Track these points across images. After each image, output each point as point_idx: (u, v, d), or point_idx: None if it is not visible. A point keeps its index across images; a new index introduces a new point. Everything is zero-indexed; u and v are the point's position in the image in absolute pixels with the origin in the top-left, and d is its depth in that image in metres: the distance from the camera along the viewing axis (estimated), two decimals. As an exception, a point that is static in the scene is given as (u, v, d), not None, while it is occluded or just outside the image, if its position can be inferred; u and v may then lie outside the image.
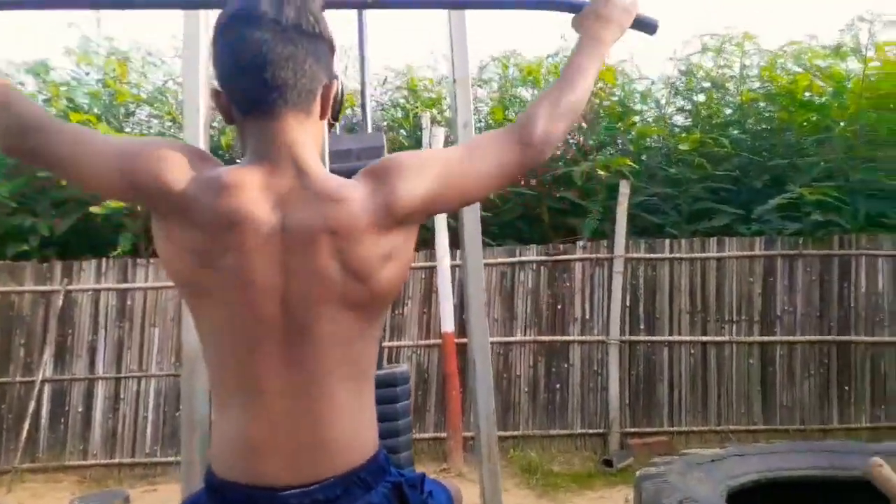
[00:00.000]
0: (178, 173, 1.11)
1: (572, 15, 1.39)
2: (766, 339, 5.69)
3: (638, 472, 3.28)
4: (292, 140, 1.14)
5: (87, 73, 6.96)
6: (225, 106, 1.18)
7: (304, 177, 1.12)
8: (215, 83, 1.19)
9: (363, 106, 2.87)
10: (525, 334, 5.79)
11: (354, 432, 1.15)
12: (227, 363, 1.14)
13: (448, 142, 5.61)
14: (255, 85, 1.12)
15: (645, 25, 1.42)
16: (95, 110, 6.75)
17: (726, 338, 5.71)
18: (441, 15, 2.39)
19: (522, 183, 6.56)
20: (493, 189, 1.24)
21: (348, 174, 1.22)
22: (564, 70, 1.30)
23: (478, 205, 2.38)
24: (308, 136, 1.17)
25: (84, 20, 7.29)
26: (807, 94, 6.58)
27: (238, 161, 1.18)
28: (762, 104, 6.92)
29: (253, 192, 1.10)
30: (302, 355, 1.11)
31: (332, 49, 1.21)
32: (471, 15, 2.35)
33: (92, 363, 5.62)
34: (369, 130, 2.91)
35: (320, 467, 1.11)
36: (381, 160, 1.20)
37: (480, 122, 6.70)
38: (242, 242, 1.08)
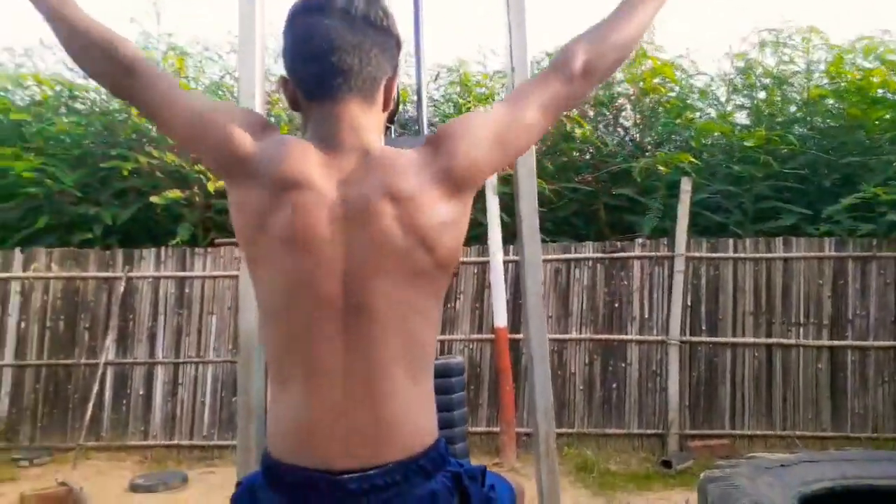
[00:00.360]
0: (244, 136, 1.15)
1: None
2: (836, 343, 5.44)
3: (703, 475, 3.14)
4: (355, 123, 1.16)
5: (148, 68, 7.11)
6: (291, 93, 1.21)
7: (365, 154, 1.14)
8: (282, 72, 1.22)
9: (419, 105, 2.82)
10: (580, 332, 5.68)
11: (414, 418, 1.12)
12: (285, 341, 1.12)
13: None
14: (322, 69, 1.15)
15: None
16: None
17: (793, 341, 5.48)
18: (498, 5, 2.33)
19: (577, 180, 6.45)
20: (544, 131, 1.26)
21: None
22: (617, 7, 1.27)
23: (535, 197, 2.33)
24: (371, 121, 1.19)
25: (144, 16, 7.48)
26: (880, 90, 6.27)
27: None
28: (830, 101, 6.62)
29: (314, 162, 1.13)
30: (361, 335, 1.09)
31: (398, 45, 1.23)
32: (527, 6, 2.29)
33: (152, 348, 5.78)
34: (425, 129, 2.87)
35: (379, 452, 1.08)
36: (436, 130, 1.22)
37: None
38: (299, 204, 1.09)
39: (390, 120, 1.27)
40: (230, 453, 5.30)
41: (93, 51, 1.22)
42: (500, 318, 5.25)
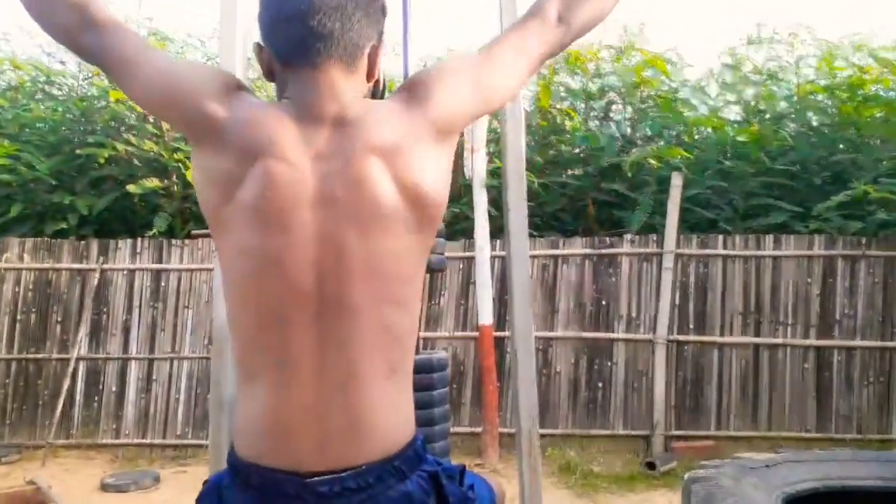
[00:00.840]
0: (215, 96, 1.08)
1: None
2: (823, 343, 5.38)
3: (687, 475, 3.08)
4: (335, 88, 1.08)
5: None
6: (266, 61, 1.13)
7: (343, 119, 1.06)
8: (258, 40, 1.15)
9: (406, 77, 2.71)
10: (567, 330, 5.58)
11: (390, 417, 1.06)
12: (253, 331, 1.05)
13: (490, 128, 5.44)
14: (300, 33, 1.07)
15: None
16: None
17: (780, 340, 5.41)
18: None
19: (568, 172, 6.36)
20: (523, 79, 1.22)
21: None
22: None
23: (524, 190, 2.25)
24: (351, 87, 1.10)
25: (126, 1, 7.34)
26: (873, 87, 6.22)
27: None
28: (821, 97, 6.57)
29: (289, 129, 1.04)
30: (335, 326, 1.02)
31: (383, 11, 1.16)
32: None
33: (126, 343, 5.62)
34: None
35: (351, 453, 1.02)
36: (409, 78, 1.16)
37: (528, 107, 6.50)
38: (268, 173, 1.02)
39: (373, 96, 1.20)
40: (204, 453, 5.16)
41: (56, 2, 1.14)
42: (486, 316, 5.14)
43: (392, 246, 1.04)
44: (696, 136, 6.69)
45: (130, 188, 5.87)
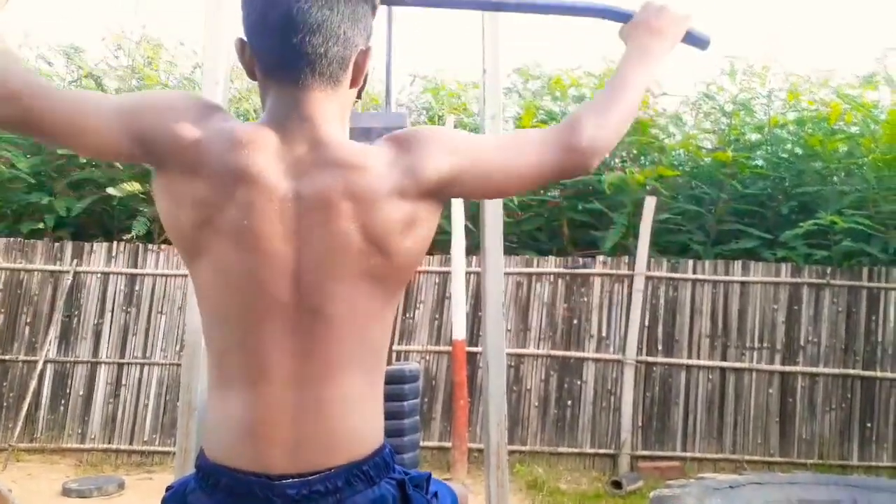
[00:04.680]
0: (187, 123, 1.03)
1: (619, 25, 1.33)
2: (787, 368, 5.50)
3: (652, 494, 3.15)
4: (318, 112, 1.06)
5: (117, 57, 6.96)
6: (248, 62, 1.10)
7: (322, 146, 1.05)
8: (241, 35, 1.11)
9: (388, 90, 2.75)
10: (538, 347, 5.64)
11: (361, 423, 1.07)
12: (230, 344, 1.05)
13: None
14: (282, 49, 1.04)
15: (697, 41, 1.35)
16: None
17: (746, 365, 5.53)
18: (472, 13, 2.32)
19: (543, 192, 6.44)
20: (524, 186, 1.16)
21: None
22: (611, 82, 1.21)
23: (501, 207, 2.32)
24: (334, 107, 1.09)
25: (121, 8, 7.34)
26: (838, 122, 6.42)
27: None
28: (791, 128, 6.76)
29: (267, 152, 1.03)
30: (312, 338, 1.03)
31: (373, 8, 1.12)
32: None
33: (96, 347, 5.56)
34: (393, 104, 2.78)
35: (321, 458, 1.03)
36: (408, 129, 1.14)
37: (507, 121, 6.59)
38: (248, 201, 1.00)
39: (358, 94, 1.18)
40: (171, 460, 5.11)
41: None
42: (459, 331, 5.17)
43: (369, 276, 1.05)
44: (674, 160, 6.81)
45: (110, 191, 5.83)
